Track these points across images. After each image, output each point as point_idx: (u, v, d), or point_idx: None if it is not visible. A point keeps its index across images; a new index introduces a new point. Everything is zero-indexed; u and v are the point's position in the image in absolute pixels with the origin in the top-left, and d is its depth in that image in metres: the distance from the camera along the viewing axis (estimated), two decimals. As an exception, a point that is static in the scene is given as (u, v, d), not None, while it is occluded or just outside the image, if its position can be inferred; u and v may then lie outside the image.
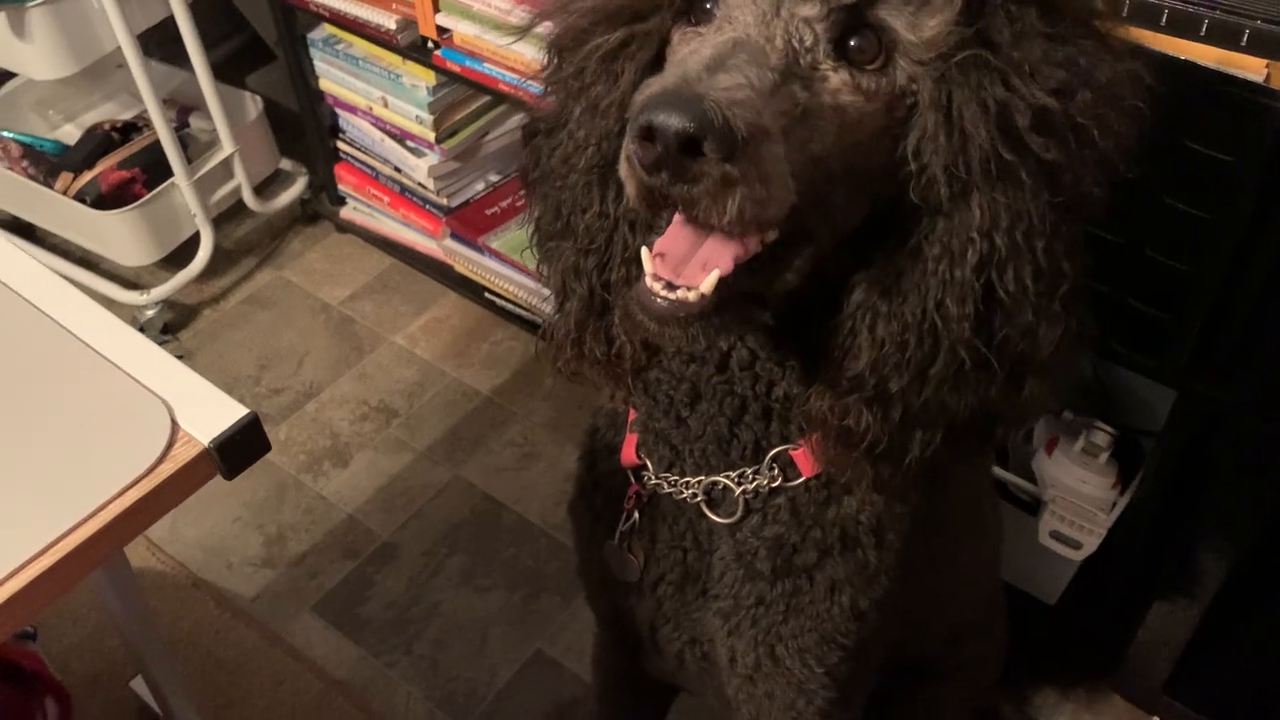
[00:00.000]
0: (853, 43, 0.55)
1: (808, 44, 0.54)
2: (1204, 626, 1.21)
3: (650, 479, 0.76)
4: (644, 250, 0.57)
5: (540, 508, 1.60)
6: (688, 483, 0.74)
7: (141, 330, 1.79)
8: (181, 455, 0.68)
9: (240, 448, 0.69)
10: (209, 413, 0.70)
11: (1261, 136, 0.89)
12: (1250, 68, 0.89)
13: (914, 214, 0.57)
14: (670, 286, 0.55)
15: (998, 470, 1.28)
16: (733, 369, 0.68)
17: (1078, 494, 1.22)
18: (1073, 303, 0.59)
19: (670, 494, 0.75)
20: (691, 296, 0.54)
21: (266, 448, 0.71)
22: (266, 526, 1.60)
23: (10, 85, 1.97)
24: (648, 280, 0.56)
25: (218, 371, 1.78)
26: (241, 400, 0.72)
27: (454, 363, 1.81)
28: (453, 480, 1.65)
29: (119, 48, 1.59)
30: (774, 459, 0.71)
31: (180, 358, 0.75)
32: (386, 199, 1.87)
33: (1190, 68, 0.90)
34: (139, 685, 1.37)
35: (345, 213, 1.98)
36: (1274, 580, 1.32)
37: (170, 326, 1.87)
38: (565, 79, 0.64)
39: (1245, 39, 0.90)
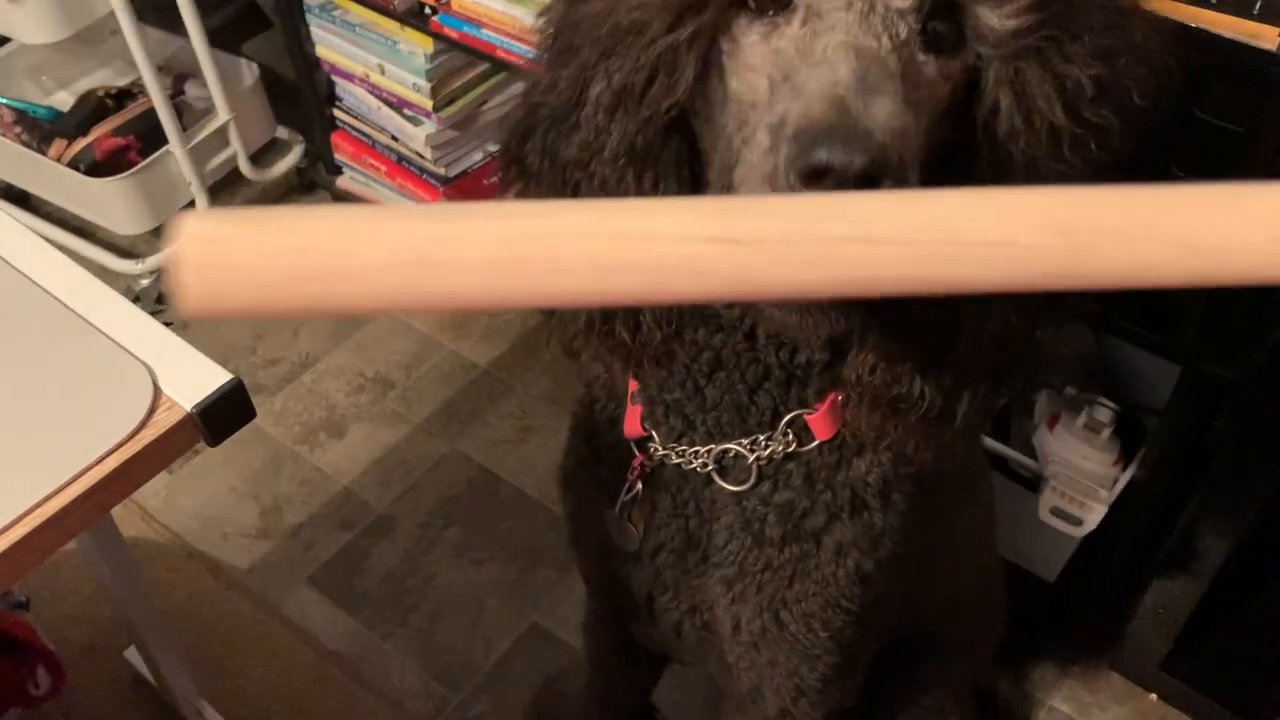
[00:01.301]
0: (937, 29, 0.54)
1: (904, 38, 0.53)
2: (1203, 604, 1.20)
3: (657, 450, 0.75)
4: None
5: (537, 481, 1.59)
6: (697, 452, 0.73)
7: (137, 300, 1.78)
8: (164, 421, 0.66)
9: (224, 414, 0.68)
10: (192, 378, 0.68)
11: (1273, 107, 0.87)
12: (1263, 36, 0.87)
13: (970, 179, 0.57)
14: None
15: (999, 446, 1.27)
16: (759, 335, 0.67)
17: (1079, 470, 1.21)
18: None
19: (678, 465, 0.74)
20: None
21: (251, 414, 0.69)
22: (262, 497, 1.59)
23: (3, 50, 1.95)
24: None
25: (213, 341, 1.77)
26: (237, 371, 0.71)
27: (451, 334, 1.80)
28: (450, 453, 1.64)
29: (113, 13, 1.57)
30: (789, 424, 0.70)
31: (174, 327, 0.73)
32: (383, 168, 1.85)
33: (1202, 36, 0.88)
34: (133, 655, 1.37)
35: (342, 182, 1.96)
36: (1274, 559, 1.32)
37: (165, 296, 1.86)
38: (589, 64, 0.59)
39: (1258, 7, 0.88)
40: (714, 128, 0.58)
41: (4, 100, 1.87)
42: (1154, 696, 1.33)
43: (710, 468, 0.73)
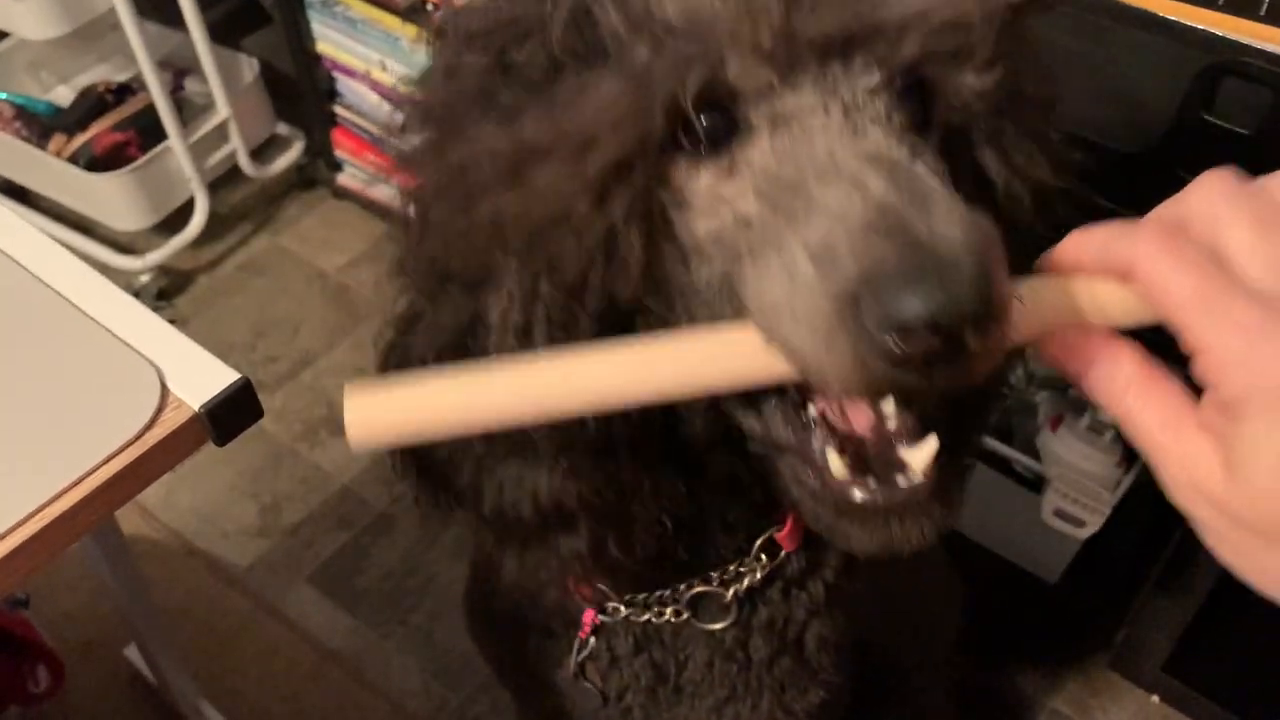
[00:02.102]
0: (909, 108, 0.46)
1: (900, 125, 0.45)
2: (1205, 607, 1.20)
3: (619, 611, 0.66)
4: (831, 453, 0.46)
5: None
6: (662, 597, 0.65)
7: (136, 296, 1.77)
8: (171, 420, 0.66)
9: (232, 413, 0.67)
10: (200, 377, 0.68)
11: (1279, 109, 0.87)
12: (1270, 38, 0.87)
13: None
14: (865, 471, 0.45)
15: (1002, 447, 1.26)
16: (741, 476, 0.57)
17: (1082, 472, 1.21)
18: None
19: (645, 620, 0.67)
20: (917, 477, 0.45)
21: (259, 414, 0.69)
22: (262, 495, 1.59)
23: (3, 45, 1.94)
24: (836, 476, 0.45)
25: (213, 338, 1.76)
26: (237, 368, 0.70)
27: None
28: (450, 451, 1.63)
29: (113, 8, 1.56)
30: (761, 548, 0.64)
31: (175, 324, 0.73)
32: (385, 165, 1.84)
33: (1208, 38, 0.88)
34: (132, 653, 1.36)
35: (342, 179, 1.95)
36: (1277, 561, 1.32)
37: (165, 292, 1.85)
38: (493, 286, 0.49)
39: (1264, 9, 0.88)
40: (675, 292, 0.48)
41: (3, 95, 1.86)
42: (1156, 698, 1.33)
43: (684, 615, 0.66)
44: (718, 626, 0.66)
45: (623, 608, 0.66)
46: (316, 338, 1.80)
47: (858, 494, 0.45)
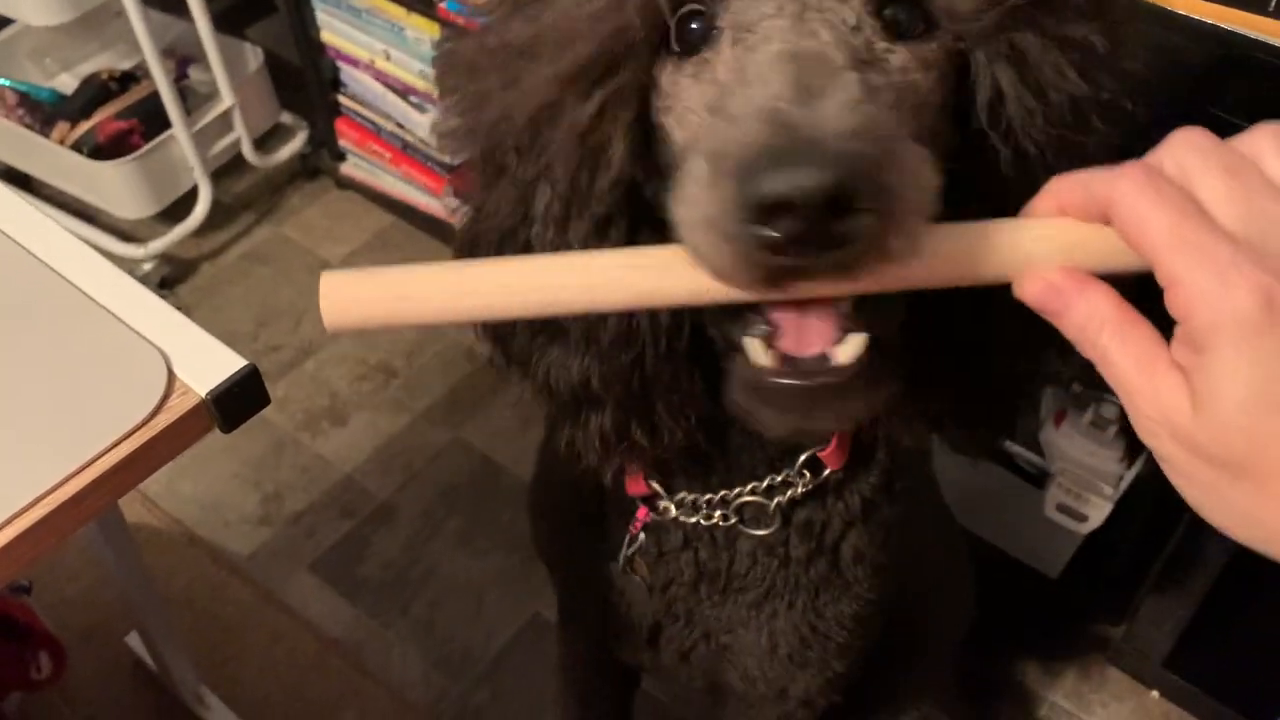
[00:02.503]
0: (897, 15, 0.47)
1: (853, 24, 0.46)
2: (1206, 603, 1.21)
3: (668, 510, 0.70)
4: (751, 340, 0.47)
5: (540, 471, 1.59)
6: (710, 500, 0.69)
7: (138, 284, 1.77)
8: (178, 406, 0.66)
9: (239, 400, 0.67)
10: (207, 363, 0.68)
11: (1289, 104, 0.87)
12: (1277, 33, 0.87)
13: (992, 180, 0.51)
14: (790, 361, 0.46)
15: (1004, 442, 1.27)
16: None
17: (1085, 467, 1.21)
18: None
19: (695, 522, 0.70)
20: (843, 359, 0.45)
21: (265, 401, 0.69)
22: (264, 484, 1.59)
23: (6, 32, 1.93)
24: (762, 363, 0.47)
25: (215, 327, 1.72)
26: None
27: (455, 323, 1.79)
28: (452, 442, 1.63)
29: (117, -6, 1.56)
30: (804, 464, 0.68)
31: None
32: (388, 155, 1.84)
33: (1216, 32, 0.88)
34: (134, 640, 1.36)
35: (345, 168, 1.95)
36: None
37: (168, 281, 1.85)
38: (519, 167, 0.53)
39: (1273, 4, 0.87)
40: (669, 188, 0.49)
41: (7, 82, 1.86)
42: (1156, 693, 1.33)
43: (733, 520, 0.70)
44: (762, 533, 0.70)
45: (673, 508, 0.70)
46: (319, 328, 1.77)
47: (773, 379, 0.47)
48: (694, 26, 0.48)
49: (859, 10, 0.46)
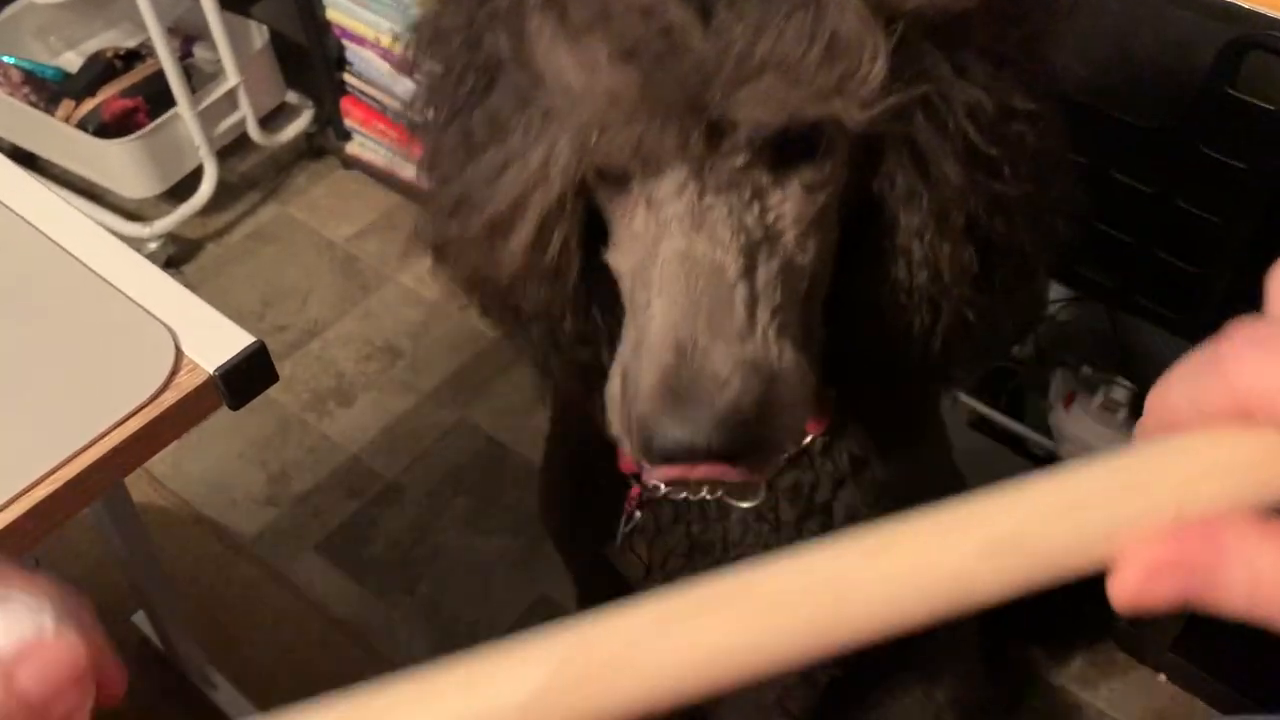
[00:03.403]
0: (790, 140, 0.50)
1: (748, 197, 0.50)
2: (1215, 586, 1.20)
3: (658, 485, 0.72)
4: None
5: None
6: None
7: (144, 263, 1.76)
8: (185, 384, 0.66)
9: (246, 377, 0.67)
10: (214, 340, 0.67)
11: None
12: (1298, 11, 0.86)
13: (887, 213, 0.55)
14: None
15: (1014, 425, 1.26)
16: None
17: (1094, 450, 1.20)
18: (1064, 194, 0.58)
19: (684, 497, 0.72)
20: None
21: (273, 378, 0.69)
22: (270, 464, 1.59)
23: (11, 9, 1.92)
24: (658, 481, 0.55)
25: (221, 307, 1.72)
26: (245, 336, 0.70)
27: (460, 304, 1.78)
28: (458, 422, 1.63)
29: (122, -29, 1.55)
30: None
31: (181, 289, 0.73)
32: (394, 134, 1.83)
33: (1233, 10, 0.87)
34: (140, 619, 1.37)
35: (351, 148, 1.94)
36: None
37: (173, 260, 1.84)
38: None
39: (1291, -19, 0.86)
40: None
41: (11, 60, 1.85)
42: (1163, 677, 1.33)
43: (718, 493, 0.71)
44: (748, 504, 0.71)
45: (663, 485, 0.71)
46: (325, 307, 1.79)
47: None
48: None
49: (754, 177, 0.50)
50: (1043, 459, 1.27)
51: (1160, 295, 1.03)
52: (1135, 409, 1.21)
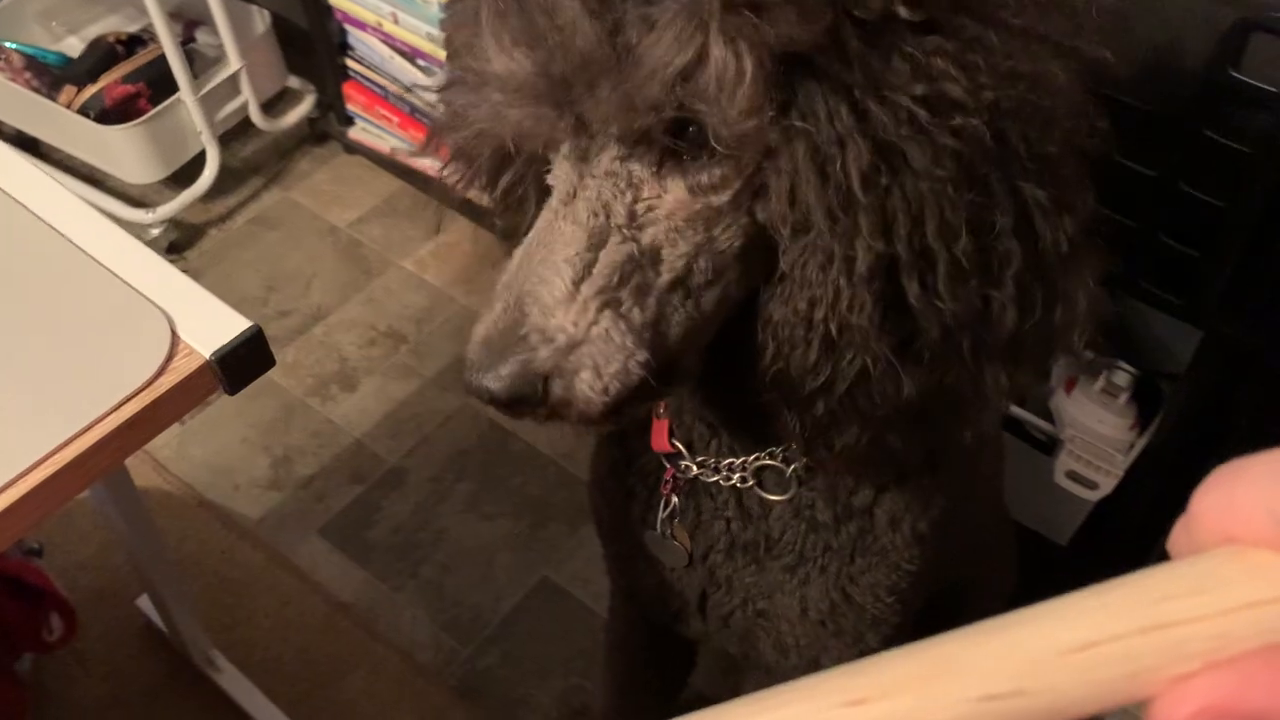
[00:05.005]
0: (676, 142, 0.53)
1: (622, 186, 0.54)
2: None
3: (690, 468, 0.74)
4: None
5: (548, 436, 1.59)
6: (731, 465, 0.72)
7: (147, 249, 1.77)
8: (182, 368, 0.66)
9: (243, 362, 0.67)
10: (211, 325, 0.68)
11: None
12: (1301, -7, 0.85)
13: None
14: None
15: (1015, 408, 1.26)
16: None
17: (1095, 434, 1.20)
18: (1049, 276, 0.54)
19: (715, 481, 0.73)
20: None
21: (270, 363, 0.69)
22: (273, 448, 1.59)
23: (13, -6, 1.93)
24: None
25: (224, 292, 1.72)
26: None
27: (463, 289, 1.79)
28: (461, 407, 1.63)
29: (123, -45, 1.55)
30: None
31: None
32: (396, 119, 1.83)
33: (1238, -8, 0.86)
34: (144, 603, 1.37)
35: (354, 133, 1.94)
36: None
37: (176, 245, 1.85)
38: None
39: (1296, -37, 0.85)
40: None
41: (14, 45, 1.85)
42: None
43: (750, 483, 0.72)
44: (777, 498, 0.73)
45: (694, 467, 0.73)
46: (328, 292, 1.79)
47: None
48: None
49: (632, 169, 0.53)
50: (1043, 443, 1.27)
51: (1163, 279, 1.03)
52: (1136, 393, 1.21)
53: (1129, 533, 1.30)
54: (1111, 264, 0.58)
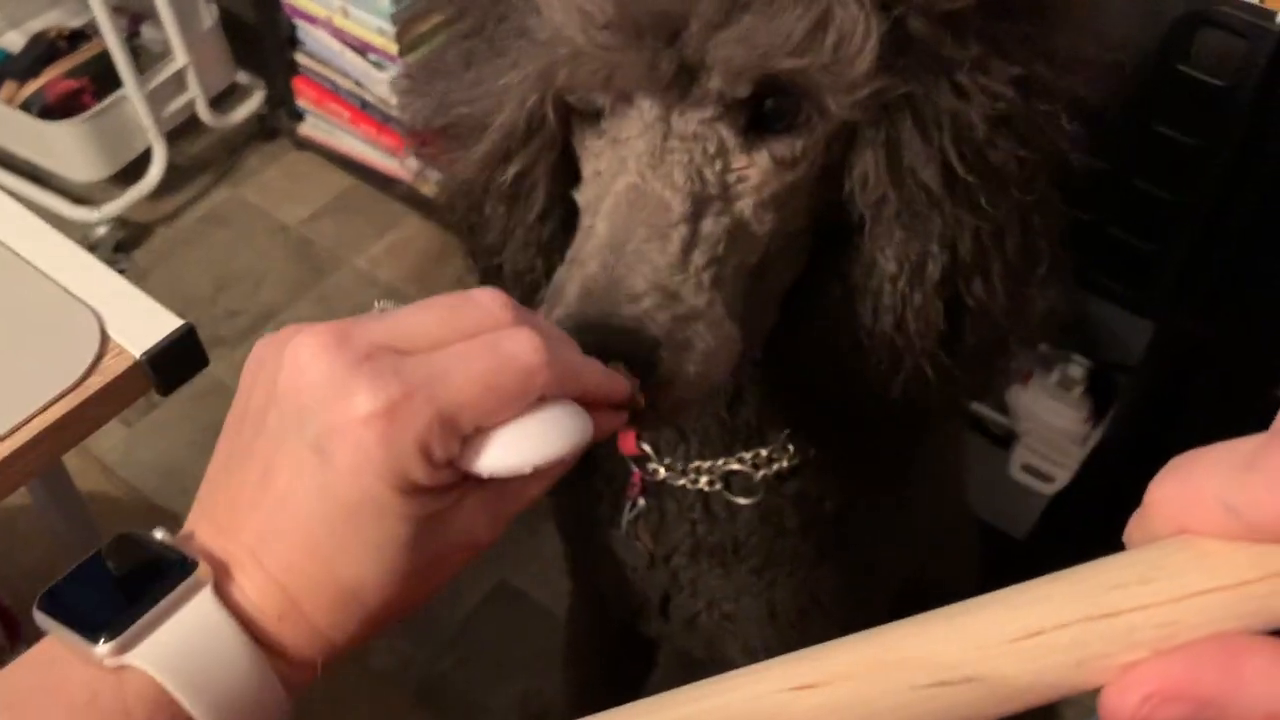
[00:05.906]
0: (768, 106, 0.49)
1: (712, 152, 0.49)
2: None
3: (657, 470, 0.71)
4: None
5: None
6: (698, 468, 0.70)
7: (93, 249, 1.72)
8: (112, 368, 0.64)
9: (176, 361, 0.65)
10: (142, 324, 0.65)
11: (1256, 60, 0.86)
12: (1251, -14, 0.86)
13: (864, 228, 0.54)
14: None
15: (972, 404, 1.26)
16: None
17: (1051, 427, 1.21)
18: (1051, 272, 0.56)
19: (681, 485, 0.71)
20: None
21: (203, 362, 0.67)
22: (223, 451, 1.56)
23: (-49, -12, 1.88)
24: None
25: (173, 292, 1.73)
26: (197, 322, 0.68)
27: (417, 287, 1.76)
28: (415, 407, 1.61)
29: (63, -53, 1.51)
30: (789, 439, 0.67)
31: (125, 274, 0.70)
32: (347, 114, 1.80)
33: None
34: (90, 611, 1.34)
35: (304, 129, 1.91)
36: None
37: (123, 245, 1.81)
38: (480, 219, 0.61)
39: (1241, -44, 0.86)
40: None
41: (-49, 39, 1.80)
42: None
43: (718, 486, 0.70)
44: (745, 502, 0.70)
45: (662, 469, 0.70)
46: (279, 292, 1.76)
47: None
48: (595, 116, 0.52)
49: (721, 132, 0.49)
50: (999, 437, 1.27)
51: (1115, 272, 1.03)
52: (1091, 385, 1.22)
53: (1086, 525, 1.31)
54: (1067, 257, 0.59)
